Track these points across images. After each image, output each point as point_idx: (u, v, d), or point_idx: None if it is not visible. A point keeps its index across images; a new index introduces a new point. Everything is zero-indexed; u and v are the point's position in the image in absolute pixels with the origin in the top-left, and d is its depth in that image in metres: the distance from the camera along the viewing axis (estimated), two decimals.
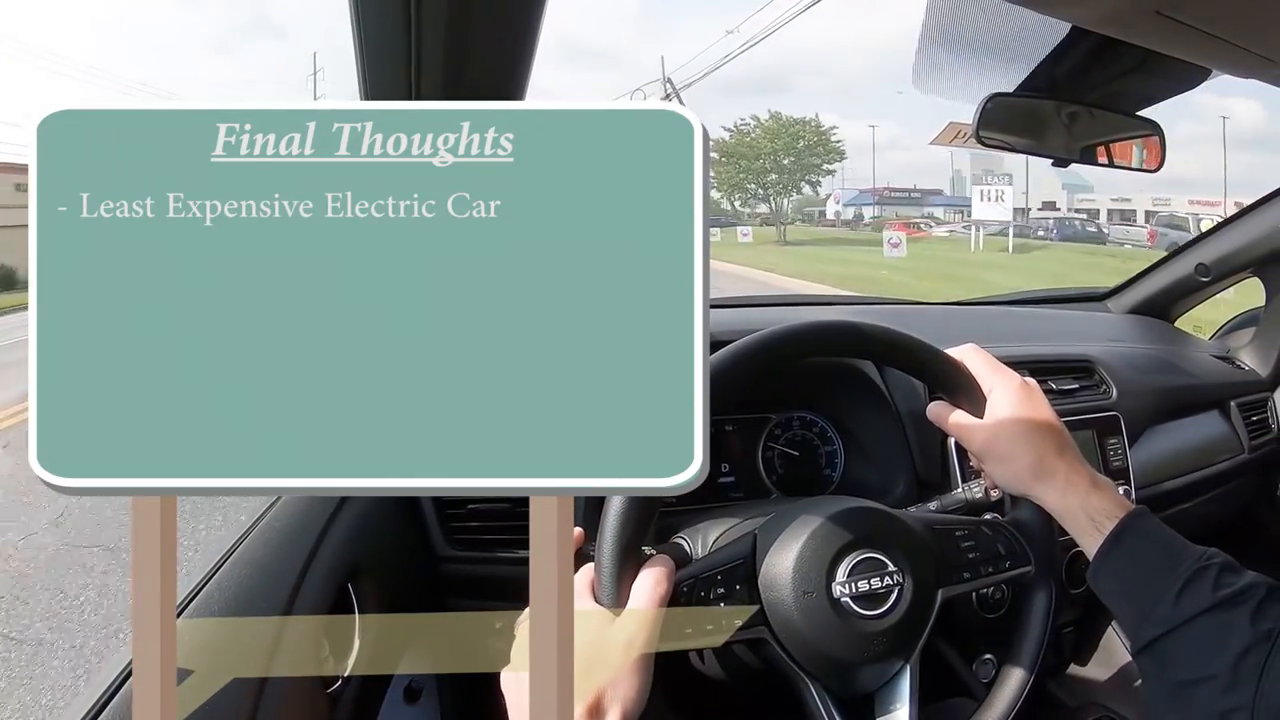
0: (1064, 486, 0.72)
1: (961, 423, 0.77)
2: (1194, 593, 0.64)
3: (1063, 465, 0.73)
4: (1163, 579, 0.66)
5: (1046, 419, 0.75)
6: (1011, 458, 0.74)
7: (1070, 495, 0.72)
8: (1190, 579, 0.65)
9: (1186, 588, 0.64)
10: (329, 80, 38.71)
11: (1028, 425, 0.74)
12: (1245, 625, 0.61)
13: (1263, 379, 1.51)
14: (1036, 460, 0.73)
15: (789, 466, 1.09)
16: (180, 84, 67.38)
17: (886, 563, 0.68)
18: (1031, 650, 0.74)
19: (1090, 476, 0.73)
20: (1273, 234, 1.41)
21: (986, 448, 0.75)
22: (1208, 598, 0.63)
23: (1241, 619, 0.62)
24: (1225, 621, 0.62)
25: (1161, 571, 0.66)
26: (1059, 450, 0.73)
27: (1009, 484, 0.76)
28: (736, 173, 37.12)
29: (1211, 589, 0.64)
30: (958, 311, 1.68)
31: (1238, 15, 0.62)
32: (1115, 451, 1.15)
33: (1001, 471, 0.75)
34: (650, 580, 0.61)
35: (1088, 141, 1.09)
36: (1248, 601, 0.63)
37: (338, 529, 0.80)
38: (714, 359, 0.65)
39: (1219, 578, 0.64)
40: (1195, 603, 0.63)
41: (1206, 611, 0.63)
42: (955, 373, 0.77)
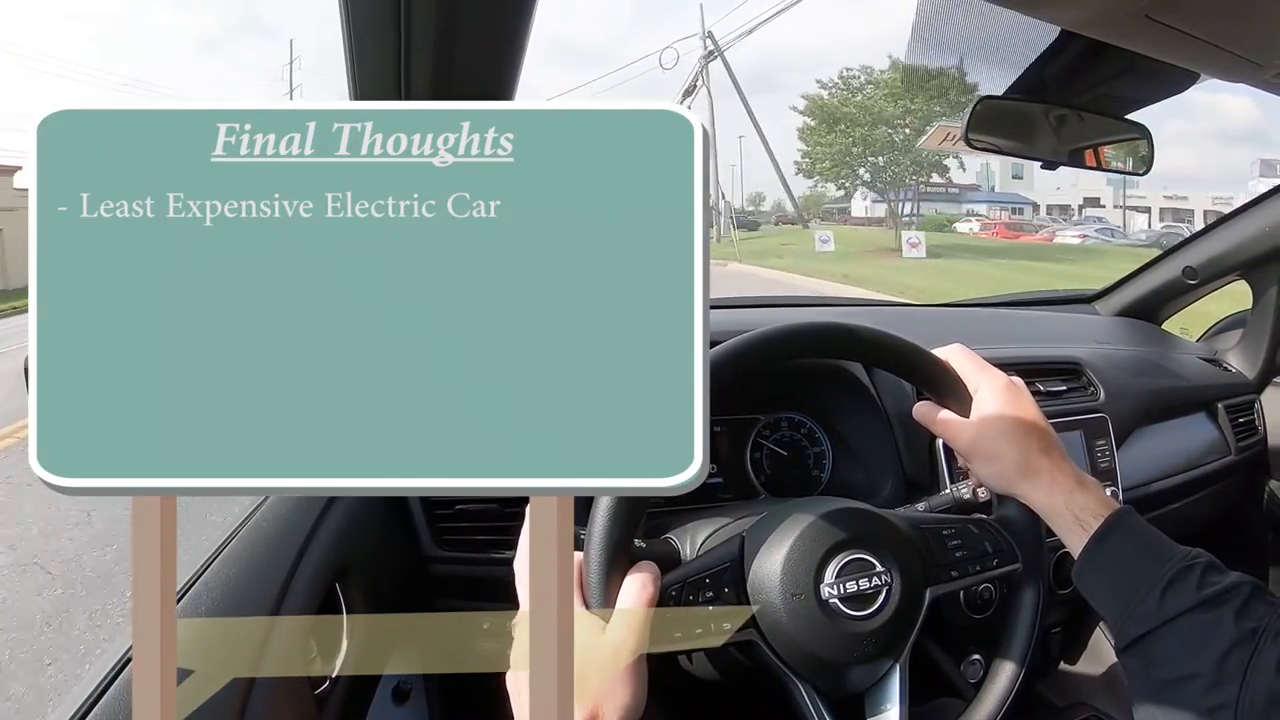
0: (1049, 485, 0.72)
1: (947, 421, 0.78)
2: (1178, 591, 0.64)
3: (1048, 464, 0.73)
4: (1147, 577, 0.66)
5: (1032, 418, 0.75)
6: (997, 456, 0.74)
7: (1055, 493, 0.72)
8: (1174, 578, 0.65)
9: (1171, 586, 0.65)
10: (306, 69, 38.38)
11: (1013, 424, 0.74)
12: (1229, 624, 0.62)
13: (1249, 381, 1.52)
14: (1022, 459, 0.73)
15: (777, 467, 1.10)
16: (168, 80, 66.65)
17: (874, 563, 0.68)
18: (1020, 648, 0.75)
19: (1076, 475, 0.73)
20: (1259, 237, 1.43)
21: (973, 446, 0.76)
22: (1192, 596, 0.64)
23: (1226, 618, 0.62)
24: (1209, 620, 0.63)
25: (1146, 570, 0.67)
26: (1044, 449, 0.74)
27: (994, 482, 0.76)
28: (849, 144, 25.02)
29: (1196, 588, 0.64)
30: (946, 313, 1.69)
31: (1225, 19, 0.63)
32: (1102, 453, 1.16)
33: (987, 470, 0.76)
34: (637, 584, 0.62)
35: (1076, 144, 1.10)
36: (1232, 600, 0.63)
37: (326, 529, 0.80)
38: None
39: (1203, 577, 0.65)
40: (1179, 601, 0.64)
41: (1190, 610, 0.63)
42: (942, 372, 0.78)
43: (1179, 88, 0.97)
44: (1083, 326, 1.60)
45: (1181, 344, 1.64)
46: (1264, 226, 1.42)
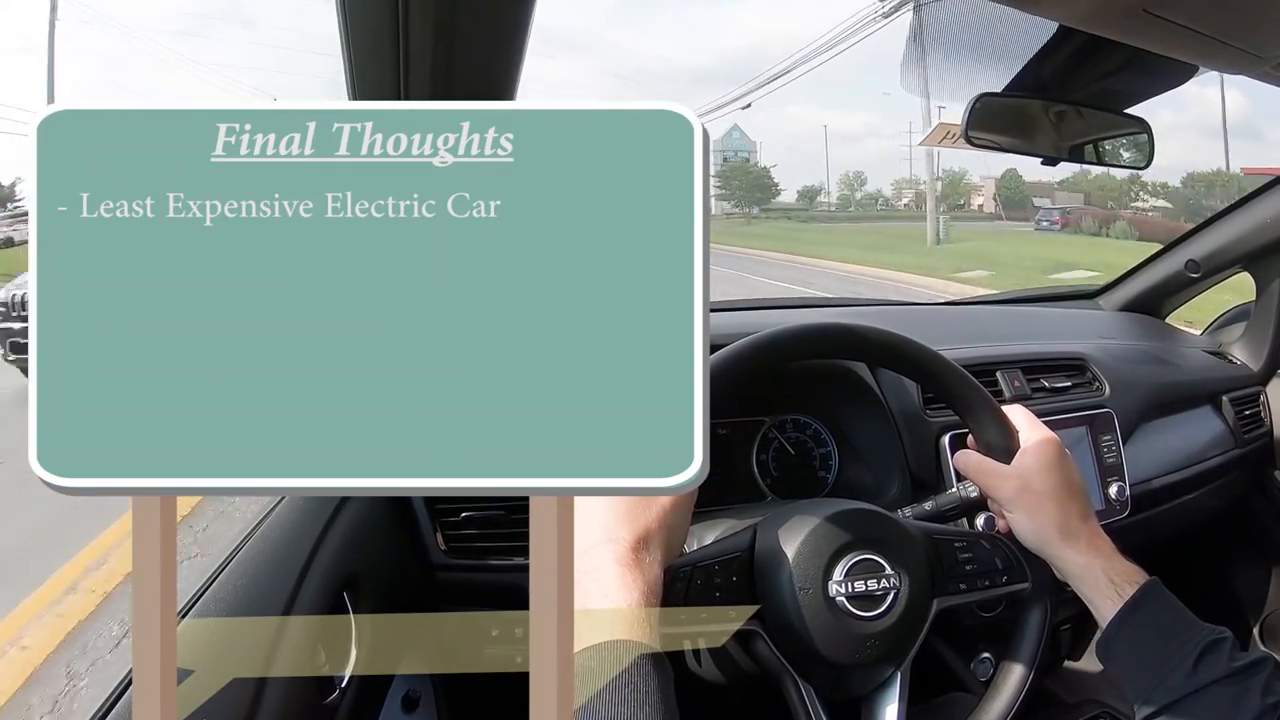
0: (1088, 549, 0.74)
1: (992, 471, 0.78)
2: (1210, 662, 0.66)
3: (1087, 529, 0.75)
4: (1180, 646, 0.68)
5: (1077, 482, 0.77)
6: (1040, 512, 0.75)
7: (1094, 558, 0.73)
8: (1207, 649, 0.67)
9: (1204, 657, 0.67)
10: (292, 66, 38.01)
11: (1060, 484, 0.76)
12: (1257, 697, 0.64)
13: (1254, 373, 1.52)
14: (1064, 519, 0.74)
15: (783, 469, 1.09)
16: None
17: (884, 565, 0.68)
18: (1027, 660, 0.75)
19: (1110, 543, 0.75)
20: (1261, 229, 1.42)
21: (1015, 499, 0.76)
22: (1223, 668, 0.66)
23: (1254, 690, 0.65)
24: (1237, 692, 0.65)
25: (1178, 640, 0.69)
26: (1084, 514, 0.76)
27: (1031, 537, 0.76)
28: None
29: (1226, 660, 0.66)
30: (951, 312, 1.69)
31: (1223, 12, 0.63)
32: (1109, 448, 1.16)
33: (1027, 524, 0.76)
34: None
35: (1076, 140, 1.10)
36: (1259, 674, 0.66)
37: (332, 538, 0.80)
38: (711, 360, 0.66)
39: (1233, 650, 0.67)
40: (1210, 672, 0.66)
41: (1220, 681, 0.66)
42: (993, 413, 0.79)
43: (1178, 81, 0.97)
44: (1086, 322, 1.60)
45: (1186, 337, 1.64)
46: (1266, 218, 1.41)
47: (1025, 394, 1.16)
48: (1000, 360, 1.19)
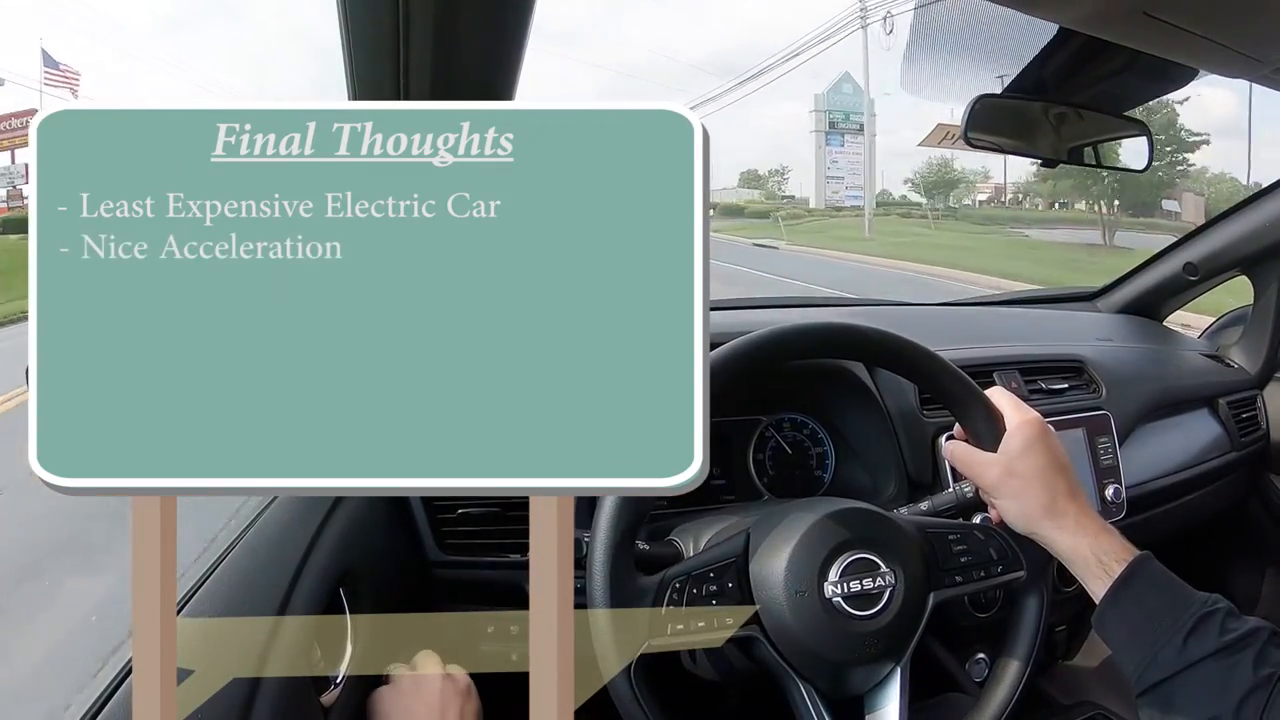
0: (1074, 528, 0.73)
1: (978, 460, 0.78)
2: (1200, 638, 0.66)
3: (1074, 508, 0.74)
4: (1169, 623, 0.67)
5: (1061, 461, 0.76)
6: (1025, 495, 0.75)
7: (1080, 537, 0.73)
8: (1197, 624, 0.66)
9: (1194, 632, 0.66)
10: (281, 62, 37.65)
11: (1043, 465, 0.75)
12: (1248, 669, 0.63)
13: (1252, 376, 1.52)
14: (1050, 500, 0.74)
15: (780, 468, 1.09)
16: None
17: (879, 564, 0.68)
18: (1024, 654, 0.75)
19: (1099, 520, 0.74)
20: (1259, 232, 1.42)
21: (999, 484, 0.76)
22: (1213, 643, 0.65)
23: (1245, 663, 0.64)
24: (1229, 666, 0.64)
25: (1168, 616, 0.68)
26: (1070, 493, 0.75)
27: (1018, 520, 0.76)
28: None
29: (1217, 634, 0.65)
30: (948, 312, 1.68)
31: (1223, 15, 0.63)
32: (1105, 450, 1.16)
33: (1013, 508, 0.76)
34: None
35: (1076, 142, 1.10)
36: (1251, 646, 0.65)
37: (329, 534, 0.80)
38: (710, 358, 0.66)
39: (1224, 623, 0.66)
40: (1201, 647, 0.65)
41: (1211, 656, 0.65)
42: (979, 401, 0.78)
43: (1177, 84, 0.97)
44: (1084, 324, 1.60)
45: (1183, 340, 1.64)
46: (1264, 221, 1.41)
47: (1022, 395, 1.15)
48: (998, 361, 1.19)
